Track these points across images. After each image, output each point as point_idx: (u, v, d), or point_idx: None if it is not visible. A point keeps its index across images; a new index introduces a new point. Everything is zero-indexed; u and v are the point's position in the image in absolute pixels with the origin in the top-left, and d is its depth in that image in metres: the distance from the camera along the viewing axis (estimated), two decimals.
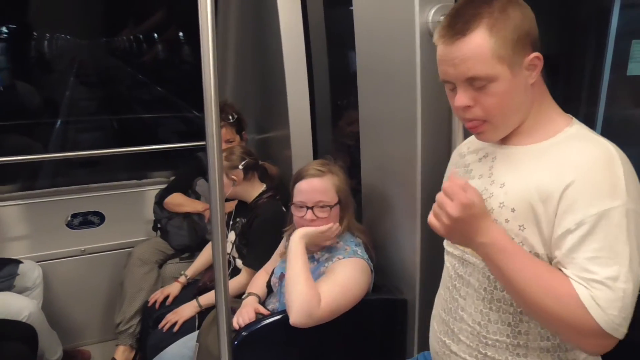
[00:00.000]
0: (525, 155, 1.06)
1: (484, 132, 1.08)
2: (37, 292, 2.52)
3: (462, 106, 1.04)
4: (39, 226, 2.86)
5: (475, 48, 0.98)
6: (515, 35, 0.99)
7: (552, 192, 0.97)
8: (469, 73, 1.00)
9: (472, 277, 1.13)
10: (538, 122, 1.07)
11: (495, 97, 1.01)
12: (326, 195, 1.68)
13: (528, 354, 1.08)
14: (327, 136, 2.65)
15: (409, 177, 1.62)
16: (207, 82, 1.21)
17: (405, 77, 1.55)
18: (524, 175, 1.04)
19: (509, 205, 1.04)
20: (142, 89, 5.51)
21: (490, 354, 1.11)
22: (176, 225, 2.66)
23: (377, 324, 1.78)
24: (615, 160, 0.95)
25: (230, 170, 2.21)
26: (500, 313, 1.09)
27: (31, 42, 4.67)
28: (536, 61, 1.02)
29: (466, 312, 1.14)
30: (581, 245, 0.93)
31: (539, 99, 1.07)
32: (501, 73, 0.99)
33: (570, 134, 1.04)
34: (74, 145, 4.96)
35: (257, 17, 2.64)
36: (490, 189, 1.09)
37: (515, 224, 1.02)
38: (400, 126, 1.64)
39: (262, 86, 2.77)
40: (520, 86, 1.02)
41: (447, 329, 1.19)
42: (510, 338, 1.08)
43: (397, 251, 1.77)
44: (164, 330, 2.08)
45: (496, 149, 1.13)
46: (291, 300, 1.48)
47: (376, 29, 1.70)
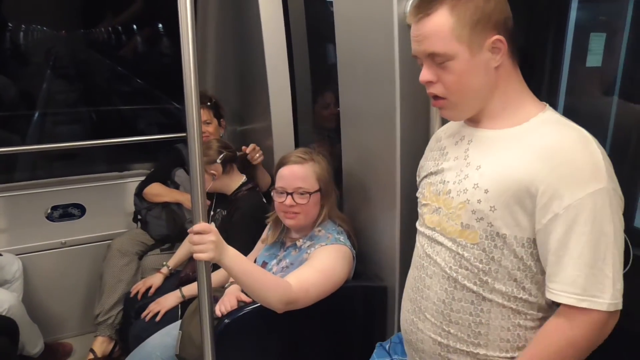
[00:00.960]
0: (501, 139, 1.10)
1: (446, 109, 1.13)
2: (16, 285, 2.51)
3: (425, 81, 1.10)
4: (19, 219, 2.82)
5: (435, 26, 1.04)
6: (476, 17, 1.03)
7: (532, 177, 1.01)
8: (429, 49, 1.06)
9: (439, 256, 1.17)
10: (508, 105, 1.11)
11: (454, 74, 1.06)
12: (306, 182, 1.71)
13: (489, 332, 1.13)
14: (308, 126, 2.67)
15: (388, 166, 1.65)
16: (187, 74, 1.22)
17: (384, 68, 1.57)
18: (501, 158, 1.07)
19: (483, 187, 1.08)
20: (121, 81, 5.45)
21: (453, 331, 1.15)
22: (155, 216, 2.67)
23: (358, 311, 1.81)
24: (592, 144, 1.00)
25: (209, 165, 2.21)
26: (464, 291, 1.13)
27: (5, 34, 4.59)
28: (498, 44, 1.05)
29: (432, 290, 1.18)
30: (572, 230, 0.98)
31: (505, 82, 1.10)
32: (459, 52, 1.04)
33: (544, 119, 1.08)
34: (52, 138, 4.89)
35: (237, 8, 2.63)
36: (465, 171, 1.13)
37: (487, 205, 1.07)
38: (379, 117, 1.67)
39: (243, 77, 2.77)
40: (480, 67, 1.06)
41: (415, 307, 1.23)
42: (472, 316, 1.13)
43: (377, 239, 1.80)
44: (146, 320, 2.08)
45: (472, 132, 1.16)
46: (265, 298, 1.49)
47: (355, 21, 1.72)
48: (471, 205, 1.09)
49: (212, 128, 2.55)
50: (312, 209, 1.73)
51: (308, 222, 1.75)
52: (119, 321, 2.52)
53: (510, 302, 1.10)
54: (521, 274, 1.08)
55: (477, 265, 1.10)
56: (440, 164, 1.21)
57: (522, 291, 1.09)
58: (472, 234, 1.10)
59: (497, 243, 1.08)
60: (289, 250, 1.78)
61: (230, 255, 1.42)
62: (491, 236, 1.08)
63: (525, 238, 1.06)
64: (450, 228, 1.14)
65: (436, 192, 1.19)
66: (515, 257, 1.07)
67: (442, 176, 1.18)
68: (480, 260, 1.10)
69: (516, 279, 1.08)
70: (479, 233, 1.09)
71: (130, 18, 4.59)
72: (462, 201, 1.11)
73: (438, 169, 1.21)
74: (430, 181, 1.23)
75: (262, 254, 1.88)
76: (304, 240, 1.75)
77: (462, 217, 1.11)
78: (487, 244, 1.08)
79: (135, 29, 4.79)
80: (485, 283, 1.10)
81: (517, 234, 1.06)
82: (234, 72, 2.90)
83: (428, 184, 1.23)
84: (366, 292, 1.80)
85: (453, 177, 1.15)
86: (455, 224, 1.12)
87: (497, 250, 1.08)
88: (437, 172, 1.21)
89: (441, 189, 1.17)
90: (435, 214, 1.18)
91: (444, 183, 1.17)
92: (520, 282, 1.09)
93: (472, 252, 1.10)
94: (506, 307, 1.11)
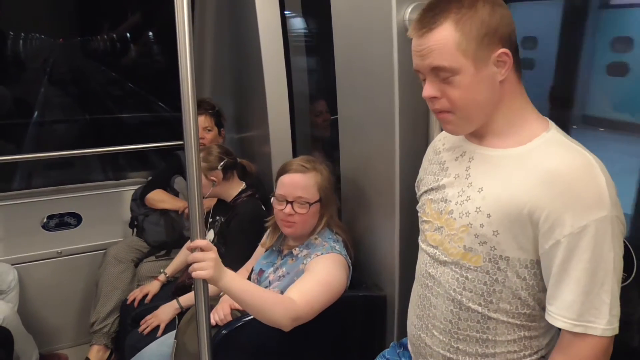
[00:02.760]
0: (504, 160, 1.08)
1: (450, 123, 1.10)
2: (12, 295, 2.49)
3: (429, 96, 1.07)
4: (15, 228, 2.80)
5: (440, 40, 1.01)
6: (483, 31, 1.01)
7: (535, 203, 1.00)
8: (433, 63, 1.03)
9: (443, 277, 1.16)
10: (512, 122, 1.09)
11: (459, 89, 1.03)
12: (307, 191, 1.69)
13: (497, 345, 1.13)
14: (306, 133, 2.67)
15: (387, 173, 1.64)
16: (184, 81, 1.21)
17: (383, 75, 1.56)
18: (503, 182, 1.06)
19: (486, 211, 1.06)
20: (118, 88, 5.44)
21: (462, 347, 1.15)
22: (153, 222, 2.66)
23: (357, 321, 1.79)
24: (596, 170, 0.98)
25: (209, 171, 2.20)
26: (469, 312, 1.13)
27: (6, 42, 4.59)
28: (504, 57, 1.03)
29: (438, 310, 1.18)
30: (572, 257, 0.97)
31: (509, 97, 1.08)
32: (465, 66, 1.01)
33: (547, 140, 1.05)
34: (50, 146, 4.88)
35: (235, 16, 2.63)
36: (467, 192, 1.11)
37: (490, 229, 1.06)
38: (378, 123, 1.65)
39: (240, 85, 2.76)
40: (486, 82, 1.04)
41: (422, 324, 1.23)
42: (479, 333, 1.13)
43: (376, 248, 1.78)
44: (145, 333, 2.05)
45: (473, 149, 1.14)
46: (271, 317, 1.46)
47: (354, 28, 1.71)
48: (474, 229, 1.08)
49: (211, 136, 2.55)
50: (311, 218, 1.71)
51: (306, 231, 1.73)
52: (114, 329, 2.50)
53: (515, 319, 1.11)
54: (525, 293, 1.08)
55: (481, 287, 1.10)
56: (441, 180, 1.19)
57: (527, 307, 1.09)
58: (475, 257, 1.09)
59: (500, 265, 1.07)
60: (285, 259, 1.77)
61: (228, 275, 1.41)
62: (494, 259, 1.07)
63: (528, 260, 1.05)
64: (453, 250, 1.13)
65: (438, 210, 1.17)
66: (518, 277, 1.07)
67: (443, 194, 1.17)
68: (484, 283, 1.09)
69: (520, 297, 1.08)
70: (482, 256, 1.08)
71: (128, 26, 4.59)
72: (465, 224, 1.10)
73: (438, 184, 1.19)
74: (430, 197, 1.21)
75: (259, 262, 1.86)
76: (301, 249, 1.73)
77: (464, 240, 1.10)
78: (491, 266, 1.08)
79: (129, 37, 4.79)
80: (489, 303, 1.10)
81: (520, 256, 1.05)
82: (232, 79, 2.89)
83: (429, 200, 1.22)
84: (366, 302, 1.78)
85: (455, 196, 1.13)
86: (457, 246, 1.11)
87: (500, 273, 1.07)
88: (437, 189, 1.19)
89: (443, 207, 1.16)
90: (437, 232, 1.17)
91: (445, 202, 1.16)
92: (525, 300, 1.09)
93: (476, 274, 1.10)
94: (511, 323, 1.11)
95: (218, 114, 2.59)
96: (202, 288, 1.34)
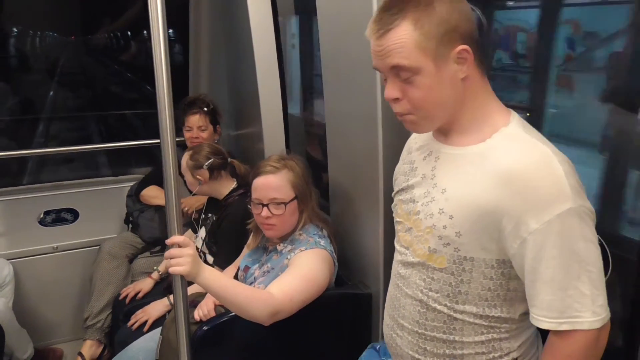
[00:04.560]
0: (465, 159, 1.06)
1: (411, 122, 1.08)
2: (7, 289, 2.51)
3: (391, 98, 1.05)
4: (11, 223, 2.83)
5: (399, 40, 0.99)
6: (442, 29, 0.98)
7: (495, 204, 0.98)
8: (392, 62, 1.01)
9: (411, 278, 1.15)
10: (474, 118, 1.07)
11: (421, 89, 1.01)
12: (280, 192, 1.68)
13: (464, 346, 1.11)
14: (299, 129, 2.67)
15: (371, 171, 1.63)
16: (159, 78, 1.21)
17: (366, 73, 1.56)
18: (464, 183, 1.04)
19: (448, 212, 1.05)
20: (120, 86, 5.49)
21: (429, 348, 1.14)
22: (148, 218, 2.67)
23: (343, 318, 1.79)
24: (553, 162, 0.96)
25: (195, 170, 2.19)
26: (435, 313, 1.11)
27: (12, 40, 4.64)
28: (464, 54, 1.01)
29: (407, 310, 1.17)
30: (541, 254, 0.95)
31: (473, 93, 1.06)
32: (425, 65, 0.99)
33: (505, 135, 1.03)
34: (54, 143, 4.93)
35: (228, 14, 2.63)
36: (432, 193, 1.10)
37: (453, 231, 1.04)
38: (362, 121, 1.65)
39: (234, 83, 2.77)
40: (447, 80, 1.02)
41: (393, 324, 1.22)
42: (446, 334, 1.12)
43: (362, 245, 1.79)
44: (133, 329, 2.06)
45: (439, 148, 1.13)
46: (249, 312, 1.46)
47: (338, 25, 1.71)
48: (437, 231, 1.07)
49: (206, 134, 2.54)
50: (290, 218, 1.70)
51: (287, 230, 1.73)
52: (108, 325, 2.51)
53: (482, 320, 1.09)
54: (492, 294, 1.06)
55: (446, 288, 1.09)
56: (410, 180, 1.18)
57: (494, 309, 1.08)
58: (440, 259, 1.08)
59: (465, 267, 1.06)
60: (270, 255, 1.77)
61: (206, 272, 1.40)
62: (459, 260, 1.06)
63: (494, 260, 1.04)
64: (420, 251, 1.12)
65: (407, 211, 1.17)
66: (485, 278, 1.05)
67: (412, 194, 1.16)
68: (450, 284, 1.08)
69: (487, 298, 1.07)
70: (447, 257, 1.07)
71: (130, 23, 4.62)
72: (429, 226, 1.08)
73: (408, 184, 1.18)
74: (401, 198, 1.20)
75: (245, 258, 1.87)
76: (285, 244, 1.73)
77: (429, 242, 1.09)
78: (455, 268, 1.06)
79: (131, 34, 4.82)
80: (455, 304, 1.09)
81: (485, 256, 1.04)
82: (227, 77, 2.90)
83: (400, 200, 1.21)
84: (351, 299, 1.79)
85: (421, 197, 1.12)
86: (423, 247, 1.10)
87: (465, 274, 1.06)
88: (407, 189, 1.19)
89: (411, 208, 1.15)
90: (408, 233, 1.16)
91: (413, 202, 1.15)
92: (492, 301, 1.07)
93: (441, 275, 1.09)
94: (478, 324, 1.09)
95: (213, 112, 2.58)
96: (180, 284, 1.35)
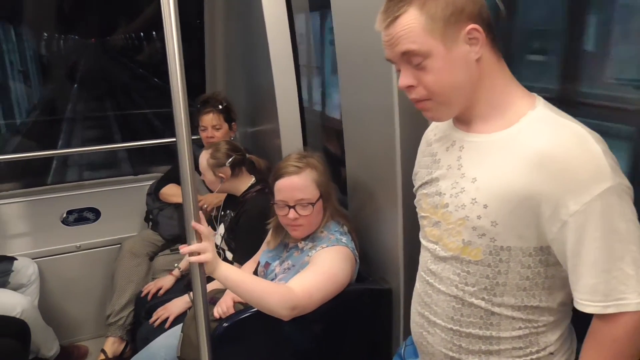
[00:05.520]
0: (493, 146, 1.03)
1: (429, 110, 1.07)
2: (32, 288, 2.55)
3: (405, 86, 1.04)
4: (35, 223, 2.88)
5: (407, 26, 0.99)
6: (448, 11, 0.97)
7: (531, 188, 0.95)
8: (402, 48, 1.00)
9: (444, 273, 1.12)
10: (495, 104, 1.04)
11: (434, 73, 1.00)
12: (306, 192, 1.67)
13: (501, 342, 1.08)
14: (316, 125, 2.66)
15: (389, 165, 1.61)
16: (173, 75, 1.21)
17: (381, 66, 1.54)
18: (495, 169, 1.01)
19: (481, 202, 1.02)
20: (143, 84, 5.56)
21: (465, 345, 1.11)
22: (167, 216, 2.70)
23: (363, 314, 1.78)
24: (589, 141, 0.93)
25: (217, 168, 2.20)
26: (472, 308, 1.09)
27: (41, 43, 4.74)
28: (475, 33, 0.99)
29: (439, 307, 1.14)
30: (583, 237, 0.92)
31: (490, 76, 1.03)
32: (434, 47, 0.98)
33: (534, 118, 1.00)
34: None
35: (243, 11, 2.63)
36: (461, 183, 1.07)
37: (488, 221, 1.01)
38: (379, 116, 1.63)
39: (250, 79, 2.76)
40: (460, 62, 1.00)
41: (424, 322, 1.19)
42: (482, 330, 1.09)
43: (381, 240, 1.77)
44: (155, 326, 2.08)
45: (462, 137, 1.11)
46: (268, 305, 1.46)
47: (353, 20, 1.69)
48: (471, 222, 1.04)
49: (221, 133, 2.55)
50: (316, 217, 1.69)
51: (313, 228, 1.72)
52: (129, 322, 2.54)
53: (520, 312, 1.06)
54: (530, 283, 1.04)
55: (483, 280, 1.06)
56: (434, 173, 1.15)
57: (532, 299, 1.05)
58: (475, 251, 1.05)
59: (502, 257, 1.03)
60: (291, 252, 1.76)
61: (224, 265, 1.41)
62: (495, 251, 1.03)
63: (532, 247, 1.01)
64: (452, 244, 1.09)
65: (433, 205, 1.14)
66: (522, 267, 1.02)
67: (437, 187, 1.13)
68: (486, 276, 1.05)
69: (525, 288, 1.04)
70: (482, 249, 1.04)
71: (147, 23, 4.66)
72: (461, 217, 1.05)
73: (432, 177, 1.15)
74: (425, 192, 1.17)
75: (264, 254, 1.87)
76: (306, 242, 1.72)
77: (462, 234, 1.06)
78: (492, 259, 1.03)
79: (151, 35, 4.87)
80: (493, 297, 1.06)
81: (522, 245, 1.01)
82: (243, 74, 2.90)
83: (424, 195, 1.18)
84: (371, 295, 1.77)
85: (449, 189, 1.09)
86: (456, 240, 1.07)
87: (502, 264, 1.03)
88: (431, 182, 1.16)
89: (438, 201, 1.12)
90: (436, 227, 1.13)
91: (440, 195, 1.12)
92: (530, 290, 1.04)
93: (477, 268, 1.06)
94: (516, 318, 1.06)
95: (227, 110, 2.58)
96: (199, 282, 1.36)
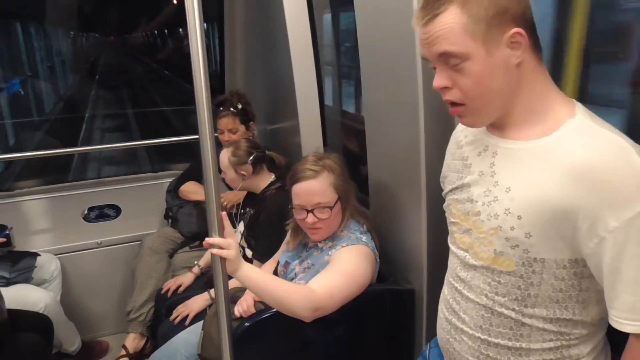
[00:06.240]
0: (529, 155, 0.99)
1: (465, 116, 1.03)
2: (55, 284, 2.59)
3: (439, 87, 1.00)
4: (57, 220, 2.92)
5: (446, 25, 0.94)
6: (491, 12, 0.92)
7: (569, 202, 0.91)
8: (440, 49, 0.96)
9: (473, 282, 1.09)
10: (533, 110, 1.00)
11: (471, 77, 0.96)
12: (323, 196, 1.65)
13: (530, 353, 1.05)
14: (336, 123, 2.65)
15: (413, 163, 1.59)
16: (197, 74, 1.20)
17: (405, 64, 1.52)
18: (531, 179, 0.97)
19: (515, 213, 0.98)
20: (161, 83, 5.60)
21: (492, 354, 1.09)
22: (186, 213, 2.71)
23: (385, 314, 1.76)
24: (631, 155, 0.88)
25: (239, 165, 2.20)
26: (502, 318, 1.06)
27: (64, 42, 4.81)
28: (518, 37, 0.94)
29: (468, 315, 1.11)
30: (623, 254, 0.88)
31: (529, 81, 0.99)
32: (474, 50, 0.94)
33: (573, 128, 0.95)
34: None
35: (263, 8, 2.62)
36: (494, 192, 1.03)
37: (522, 232, 0.98)
38: (403, 114, 1.61)
39: (270, 77, 2.76)
40: (500, 66, 0.95)
41: (451, 328, 1.17)
42: (512, 341, 1.06)
43: (404, 240, 1.75)
44: (175, 323, 2.09)
45: (495, 142, 1.06)
46: (290, 307, 1.44)
47: (376, 17, 1.67)
48: (504, 232, 1.00)
49: (238, 136, 2.53)
50: (335, 219, 1.68)
51: (333, 230, 1.70)
52: (150, 318, 2.56)
53: (552, 324, 1.02)
54: (563, 295, 1.00)
55: (515, 291, 1.02)
56: (465, 178, 1.11)
57: (565, 311, 1.01)
58: (507, 262, 1.01)
59: (535, 268, 0.99)
60: (311, 251, 1.75)
61: (245, 266, 1.40)
62: (528, 262, 0.99)
63: (566, 259, 0.97)
64: (483, 254, 1.05)
65: (464, 212, 1.10)
66: (556, 279, 0.99)
67: (469, 193, 1.09)
68: (518, 287, 1.02)
69: (558, 300, 1.00)
70: (515, 260, 1.00)
71: (166, 21, 4.70)
72: (494, 227, 1.01)
73: (462, 183, 1.11)
74: (456, 197, 1.14)
75: (284, 253, 1.86)
76: (326, 241, 1.71)
77: (494, 244, 1.02)
78: (525, 270, 1.00)
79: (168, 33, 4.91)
80: (524, 308, 1.03)
81: (556, 257, 0.97)
82: (262, 72, 2.90)
83: (454, 200, 1.14)
84: (394, 295, 1.75)
85: (481, 196, 1.05)
86: (488, 250, 1.04)
87: (535, 276, 0.99)
88: (461, 187, 1.12)
89: (469, 208, 1.08)
90: (467, 235, 1.09)
91: (471, 202, 1.08)
92: (563, 303, 1.01)
93: (509, 279, 1.02)
94: (547, 330, 1.03)
95: (244, 112, 2.56)
96: (221, 281, 1.35)
